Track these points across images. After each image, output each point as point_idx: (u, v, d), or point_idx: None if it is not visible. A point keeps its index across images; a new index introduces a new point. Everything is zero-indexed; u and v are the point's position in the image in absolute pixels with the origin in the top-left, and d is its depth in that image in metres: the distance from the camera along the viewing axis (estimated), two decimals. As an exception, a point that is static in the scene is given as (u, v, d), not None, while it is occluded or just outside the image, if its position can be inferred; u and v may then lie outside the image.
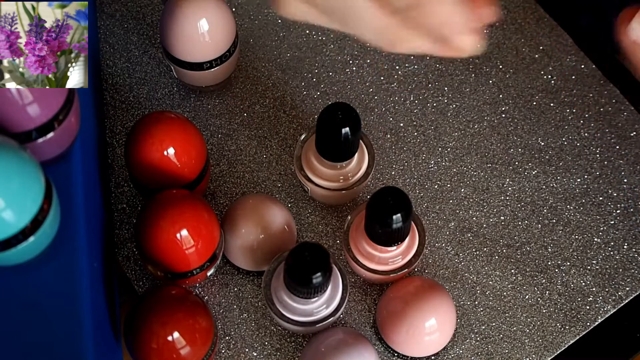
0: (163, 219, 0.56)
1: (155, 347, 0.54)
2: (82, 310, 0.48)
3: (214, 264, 0.59)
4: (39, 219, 0.45)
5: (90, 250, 0.51)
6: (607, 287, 0.62)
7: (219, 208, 0.64)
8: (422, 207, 0.64)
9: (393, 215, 0.55)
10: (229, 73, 0.66)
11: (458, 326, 0.61)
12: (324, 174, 0.61)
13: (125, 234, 0.63)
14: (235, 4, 0.70)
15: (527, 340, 0.61)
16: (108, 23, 0.69)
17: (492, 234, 0.63)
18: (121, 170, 0.65)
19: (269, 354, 0.60)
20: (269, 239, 0.60)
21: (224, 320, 0.61)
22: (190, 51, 0.62)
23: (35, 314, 0.47)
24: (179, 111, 0.66)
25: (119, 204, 0.64)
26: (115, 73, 0.68)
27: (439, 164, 0.65)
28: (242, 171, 0.65)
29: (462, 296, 0.62)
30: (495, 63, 0.68)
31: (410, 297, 0.58)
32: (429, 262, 0.63)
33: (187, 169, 0.59)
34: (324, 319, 0.58)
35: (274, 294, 0.58)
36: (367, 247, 0.59)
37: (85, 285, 0.49)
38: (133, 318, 0.55)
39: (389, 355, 0.60)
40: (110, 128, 0.66)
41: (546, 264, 0.63)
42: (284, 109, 0.67)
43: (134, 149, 0.58)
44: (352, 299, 0.62)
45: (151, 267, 0.58)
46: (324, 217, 0.64)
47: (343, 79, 0.68)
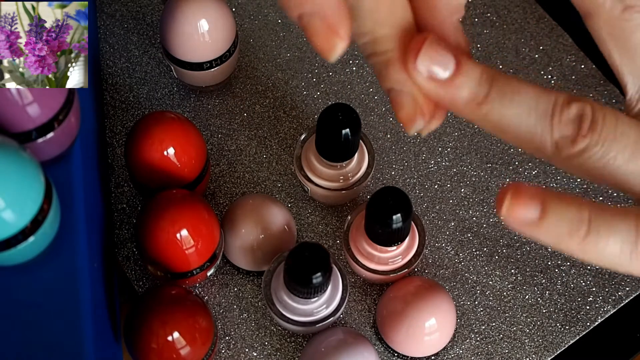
0: (163, 219, 0.56)
1: (155, 347, 0.54)
2: (82, 310, 0.48)
3: (214, 264, 0.59)
4: (39, 219, 0.45)
5: (90, 250, 0.51)
6: (607, 287, 0.62)
7: (219, 208, 0.64)
8: (422, 207, 0.64)
9: (393, 215, 0.55)
10: (229, 73, 0.66)
11: (458, 326, 0.61)
12: (324, 174, 0.61)
13: (125, 234, 0.63)
14: (235, 4, 0.70)
15: (527, 340, 0.61)
16: (108, 23, 0.69)
17: (492, 234, 0.63)
18: (121, 170, 0.65)
19: (269, 354, 0.60)
20: (269, 239, 0.60)
21: (224, 320, 0.61)
22: (190, 51, 0.62)
23: (35, 314, 0.47)
24: (179, 111, 0.66)
25: (119, 204, 0.64)
26: (115, 73, 0.68)
27: (439, 164, 0.65)
28: (242, 171, 0.65)
29: (462, 296, 0.62)
30: (495, 63, 0.68)
31: (410, 297, 0.58)
32: (429, 262, 0.63)
33: (187, 169, 0.59)
34: (324, 319, 0.58)
35: (274, 294, 0.58)
36: (367, 247, 0.59)
37: (85, 285, 0.49)
38: (133, 318, 0.55)
39: (389, 355, 0.60)
40: (110, 128, 0.66)
41: (546, 264, 0.63)
42: (284, 109, 0.67)
43: (134, 149, 0.58)
44: (352, 299, 0.62)
45: (151, 267, 0.58)
46: (324, 217, 0.64)
47: (343, 79, 0.68)
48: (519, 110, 0.37)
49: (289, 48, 0.69)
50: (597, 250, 0.38)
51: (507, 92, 0.37)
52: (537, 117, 0.37)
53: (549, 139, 0.37)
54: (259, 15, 0.70)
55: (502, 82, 0.37)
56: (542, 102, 0.37)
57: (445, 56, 0.37)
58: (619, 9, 0.37)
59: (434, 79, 0.37)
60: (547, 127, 0.37)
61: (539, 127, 0.37)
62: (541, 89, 0.37)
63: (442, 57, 0.37)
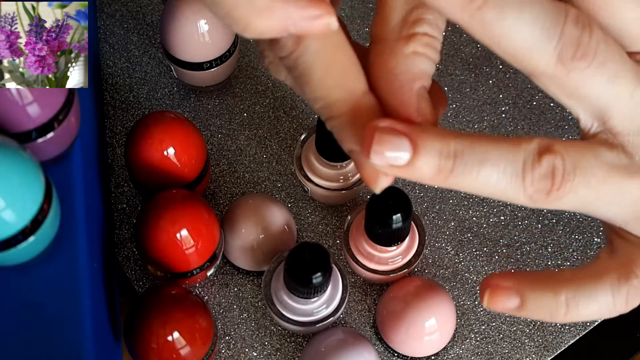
0: (163, 219, 0.56)
1: (155, 347, 0.54)
2: (82, 310, 0.48)
3: (214, 264, 0.59)
4: (39, 219, 0.45)
5: (90, 250, 0.51)
6: (607, 287, 0.62)
7: (219, 208, 0.64)
8: (422, 207, 0.64)
9: (393, 215, 0.55)
10: (229, 73, 0.66)
11: (458, 326, 0.61)
12: (324, 174, 0.61)
13: (125, 234, 0.63)
14: (235, 4, 0.70)
15: (527, 340, 0.61)
16: (108, 23, 0.69)
17: (492, 234, 0.63)
18: (121, 170, 0.65)
19: (269, 354, 0.60)
20: (269, 239, 0.60)
21: (224, 320, 0.61)
22: (190, 51, 0.62)
23: (35, 314, 0.47)
24: (179, 111, 0.66)
25: (119, 204, 0.64)
26: (115, 73, 0.68)
27: (439, 164, 0.65)
28: (242, 171, 0.65)
29: (462, 296, 0.62)
30: (495, 63, 0.68)
31: (410, 297, 0.58)
32: (429, 262, 0.63)
33: (187, 169, 0.59)
34: (324, 319, 0.58)
35: (274, 294, 0.58)
36: (367, 247, 0.59)
37: (86, 285, 0.49)
38: (133, 318, 0.55)
39: (389, 355, 0.60)
40: (110, 128, 0.66)
41: (546, 264, 0.63)
42: (284, 109, 0.67)
43: (134, 149, 0.58)
44: (352, 299, 0.62)
45: (151, 267, 0.58)
46: (324, 217, 0.64)
47: (343, 79, 0.68)
48: (488, 177, 0.37)
49: (289, 48, 0.69)
50: (579, 315, 0.40)
51: (472, 162, 0.36)
52: (508, 181, 0.37)
53: (522, 196, 0.37)
54: (259, 15, 0.70)
55: (466, 152, 0.36)
56: (511, 165, 0.36)
57: (399, 142, 0.36)
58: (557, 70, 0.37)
59: (394, 165, 0.37)
60: (520, 188, 0.37)
61: (510, 189, 0.37)
62: (508, 146, 0.37)
63: (396, 145, 0.36)
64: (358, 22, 0.69)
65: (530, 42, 0.36)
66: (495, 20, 0.36)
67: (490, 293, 0.39)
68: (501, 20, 0.36)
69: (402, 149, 0.36)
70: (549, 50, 0.36)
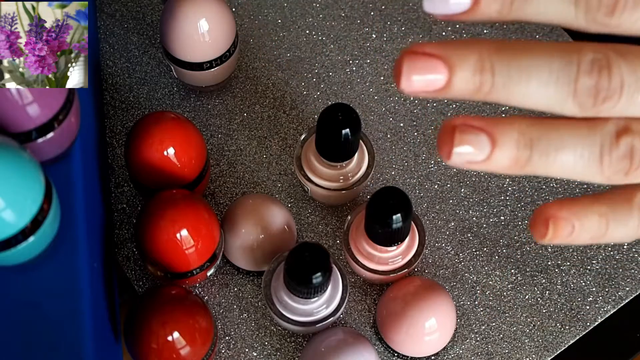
0: (163, 219, 0.56)
1: (155, 347, 0.54)
2: (82, 310, 0.48)
3: (214, 264, 0.59)
4: (39, 219, 0.45)
5: (90, 250, 0.51)
6: (607, 287, 0.62)
7: (219, 208, 0.64)
8: (422, 207, 0.64)
9: (393, 215, 0.55)
10: (229, 73, 0.66)
11: (458, 326, 0.61)
12: (324, 174, 0.61)
13: (125, 234, 0.63)
14: (235, 4, 0.70)
15: (527, 340, 0.61)
16: (108, 23, 0.69)
17: (492, 234, 0.63)
18: (121, 170, 0.65)
19: (269, 354, 0.60)
20: (269, 239, 0.60)
21: (224, 320, 0.61)
22: (190, 51, 0.62)
23: (35, 314, 0.47)
24: (179, 111, 0.66)
25: (119, 204, 0.64)
26: (115, 73, 0.68)
27: (439, 164, 0.65)
28: (242, 171, 0.65)
29: (462, 296, 0.62)
30: (495, 63, 0.68)
31: (410, 297, 0.58)
32: (429, 262, 0.63)
33: (187, 169, 0.59)
34: (324, 319, 0.58)
35: (274, 294, 0.58)
36: (367, 247, 0.59)
37: (85, 285, 0.49)
38: (133, 318, 0.55)
39: (389, 355, 0.60)
40: (110, 128, 0.66)
41: (546, 264, 0.63)
42: (284, 109, 0.67)
43: (134, 149, 0.58)
44: (352, 299, 0.62)
45: (151, 267, 0.58)
46: (324, 217, 0.64)
47: (343, 79, 0.68)
48: (565, 163, 0.36)
49: (289, 48, 0.69)
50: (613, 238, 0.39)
51: (549, 150, 0.36)
52: (585, 165, 0.36)
53: (600, 177, 0.37)
54: (259, 15, 0.70)
55: (542, 140, 0.36)
56: (588, 148, 0.36)
57: (478, 140, 0.36)
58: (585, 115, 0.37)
59: (472, 161, 0.37)
60: (597, 170, 0.37)
61: (588, 172, 0.37)
62: (584, 130, 0.36)
63: (476, 143, 0.36)
64: (358, 22, 0.69)
65: (548, 102, 0.36)
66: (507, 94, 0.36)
67: (555, 225, 0.38)
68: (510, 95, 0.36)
69: (481, 145, 0.36)
70: (568, 105, 0.36)
